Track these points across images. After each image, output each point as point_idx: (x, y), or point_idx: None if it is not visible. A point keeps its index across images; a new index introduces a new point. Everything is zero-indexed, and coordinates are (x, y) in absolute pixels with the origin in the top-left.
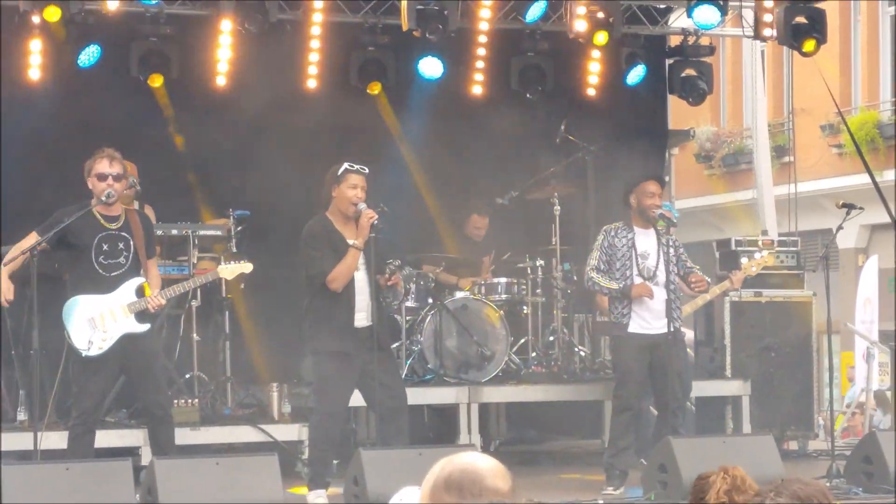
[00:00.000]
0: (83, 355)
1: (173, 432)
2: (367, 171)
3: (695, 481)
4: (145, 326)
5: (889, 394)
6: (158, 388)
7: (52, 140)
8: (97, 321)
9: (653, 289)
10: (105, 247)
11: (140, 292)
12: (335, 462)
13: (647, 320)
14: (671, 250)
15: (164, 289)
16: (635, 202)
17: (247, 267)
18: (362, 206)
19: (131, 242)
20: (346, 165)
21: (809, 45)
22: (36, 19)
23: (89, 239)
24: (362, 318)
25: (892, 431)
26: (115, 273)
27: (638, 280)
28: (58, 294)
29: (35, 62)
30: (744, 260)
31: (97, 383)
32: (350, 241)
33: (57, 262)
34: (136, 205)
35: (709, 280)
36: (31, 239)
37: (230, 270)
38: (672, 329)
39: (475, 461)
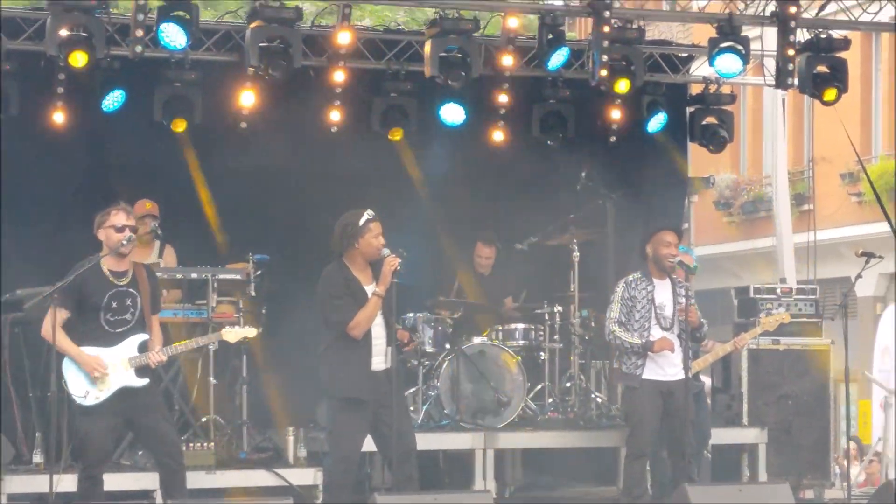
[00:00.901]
0: (78, 404)
1: (184, 479)
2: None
3: None
4: (144, 381)
5: None
6: (164, 440)
7: (76, 183)
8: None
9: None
10: (114, 304)
11: (142, 348)
12: None
13: (662, 367)
14: (682, 300)
15: (166, 346)
16: (651, 251)
17: (251, 332)
18: (385, 251)
19: (138, 299)
20: (366, 216)
21: (830, 94)
22: (61, 64)
23: (99, 298)
24: (379, 362)
25: None
26: (121, 329)
27: (656, 331)
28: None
29: (60, 106)
30: (762, 315)
31: (99, 435)
32: (371, 289)
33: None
34: (156, 245)
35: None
36: (52, 312)
37: (234, 334)
38: (687, 377)
39: None
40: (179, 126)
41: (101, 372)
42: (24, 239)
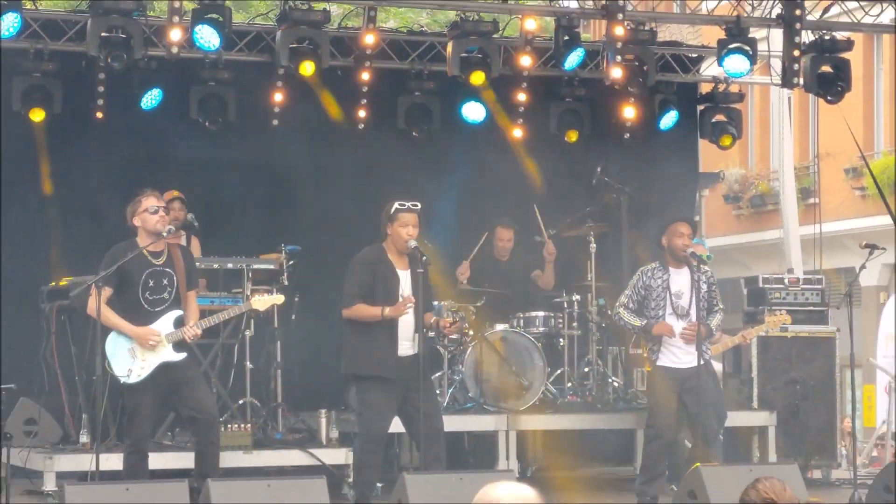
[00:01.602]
0: (123, 383)
1: (217, 456)
2: (418, 207)
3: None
4: (181, 355)
5: None
6: (203, 411)
7: (116, 176)
8: (136, 351)
9: (673, 327)
10: (151, 283)
11: (178, 323)
12: (379, 485)
13: (677, 355)
14: (704, 286)
15: (200, 320)
16: (666, 242)
17: (278, 298)
18: (412, 243)
19: (175, 277)
20: (396, 205)
21: (834, 93)
22: (102, 64)
23: (138, 276)
24: (407, 346)
25: None
26: (159, 308)
27: (671, 318)
28: None
29: (101, 103)
30: (766, 314)
31: (143, 411)
32: (405, 276)
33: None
34: (183, 236)
35: (713, 330)
36: (95, 291)
37: (263, 302)
38: (702, 362)
39: (512, 492)
40: (214, 123)
41: (155, 340)
42: (66, 230)
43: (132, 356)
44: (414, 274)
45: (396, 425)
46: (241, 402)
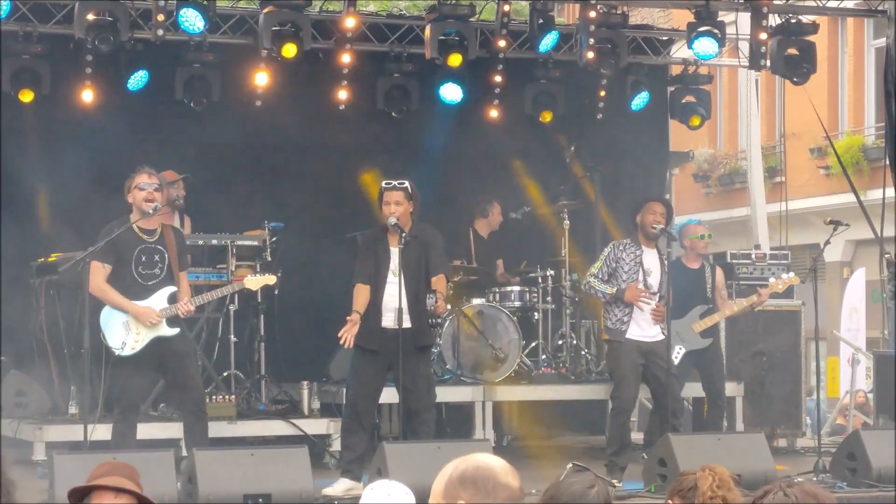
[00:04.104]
0: (117, 355)
1: (206, 428)
2: (404, 184)
3: (678, 478)
4: (175, 330)
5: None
6: (191, 386)
7: (104, 155)
8: (131, 324)
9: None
10: (143, 258)
11: (172, 299)
12: None
13: (643, 328)
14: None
15: (193, 297)
16: (640, 220)
17: (270, 279)
18: (392, 220)
19: (166, 255)
20: (382, 184)
21: (800, 74)
22: (89, 46)
23: (130, 252)
24: (390, 318)
25: (875, 430)
26: (152, 282)
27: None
28: None
29: (88, 84)
30: (772, 279)
31: (134, 382)
32: (395, 253)
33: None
34: (175, 215)
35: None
36: (98, 269)
37: (255, 282)
38: (666, 335)
39: (488, 460)
40: (199, 104)
41: (156, 320)
42: (56, 207)
43: (126, 329)
44: (400, 250)
45: (385, 396)
46: (225, 374)
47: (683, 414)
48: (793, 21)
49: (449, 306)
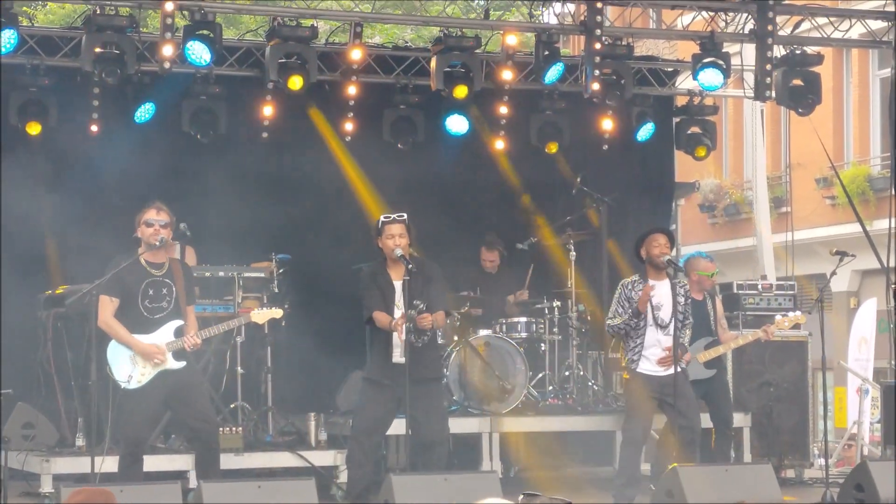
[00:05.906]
0: (123, 388)
1: (218, 460)
2: (403, 217)
3: None
4: (181, 364)
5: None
6: (202, 418)
7: (111, 188)
8: (137, 358)
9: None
10: (150, 292)
11: (179, 333)
12: None
13: (653, 363)
14: (681, 298)
15: (200, 330)
16: (645, 253)
17: (277, 312)
18: (399, 251)
19: (174, 289)
20: (381, 218)
21: (805, 105)
22: (96, 79)
23: (137, 285)
24: (398, 353)
25: (882, 461)
26: (159, 316)
27: (651, 329)
28: None
29: (95, 118)
30: (778, 316)
31: (140, 415)
32: (399, 286)
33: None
34: (177, 246)
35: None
36: (106, 303)
37: (262, 315)
38: (678, 370)
39: None
40: (205, 136)
41: (160, 358)
42: (63, 239)
43: (133, 363)
44: (404, 282)
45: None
46: (232, 405)
47: (695, 446)
48: (797, 52)
49: (456, 337)
